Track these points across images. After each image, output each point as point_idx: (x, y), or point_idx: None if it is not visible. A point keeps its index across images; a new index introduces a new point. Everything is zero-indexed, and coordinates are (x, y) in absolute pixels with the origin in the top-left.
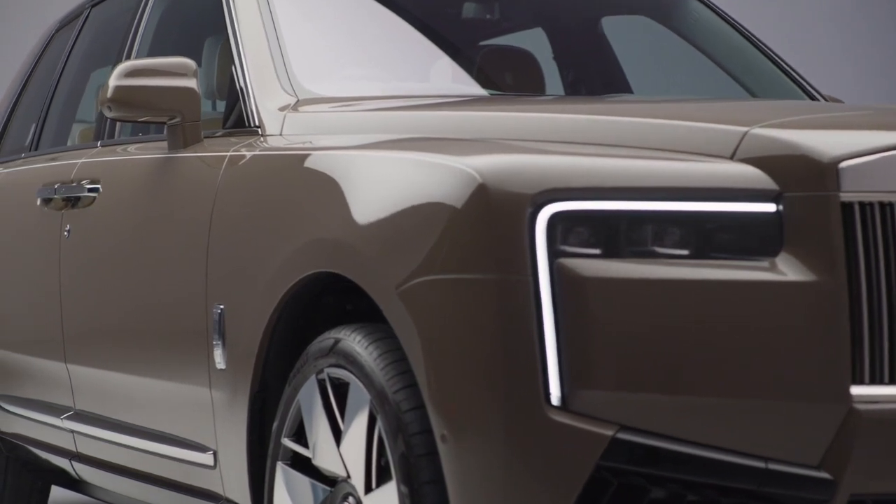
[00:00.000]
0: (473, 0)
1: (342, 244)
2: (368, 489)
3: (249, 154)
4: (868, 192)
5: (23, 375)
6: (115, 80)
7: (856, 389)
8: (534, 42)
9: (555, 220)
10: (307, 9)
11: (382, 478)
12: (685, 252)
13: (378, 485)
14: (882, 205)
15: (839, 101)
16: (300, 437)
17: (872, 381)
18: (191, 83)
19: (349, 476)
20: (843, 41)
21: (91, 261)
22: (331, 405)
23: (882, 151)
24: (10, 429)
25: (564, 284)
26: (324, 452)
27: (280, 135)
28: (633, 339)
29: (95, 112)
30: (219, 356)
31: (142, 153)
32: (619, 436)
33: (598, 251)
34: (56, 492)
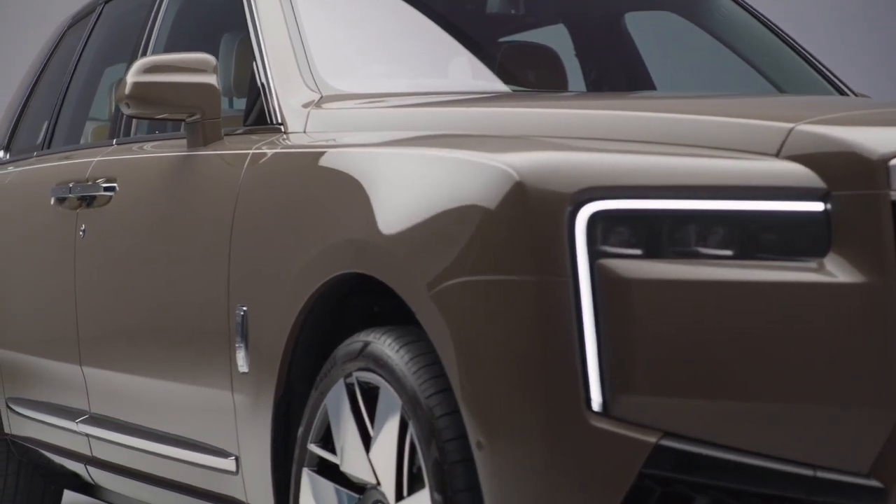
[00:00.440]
0: None
1: (372, 245)
2: (399, 497)
3: (273, 152)
4: None
5: (35, 378)
6: (134, 77)
7: None
8: (555, 38)
9: (595, 220)
10: (328, 4)
11: (414, 485)
12: (729, 252)
13: (410, 492)
14: None
15: (867, 98)
16: (327, 443)
17: None
18: (210, 79)
19: (379, 483)
20: (844, 37)
21: (107, 261)
22: (359, 410)
23: None
24: (22, 432)
25: (605, 286)
26: (352, 459)
27: (304, 132)
28: (677, 343)
29: (108, 110)
30: (241, 359)
31: (159, 151)
32: (663, 442)
33: (640, 251)
34: (68, 496)
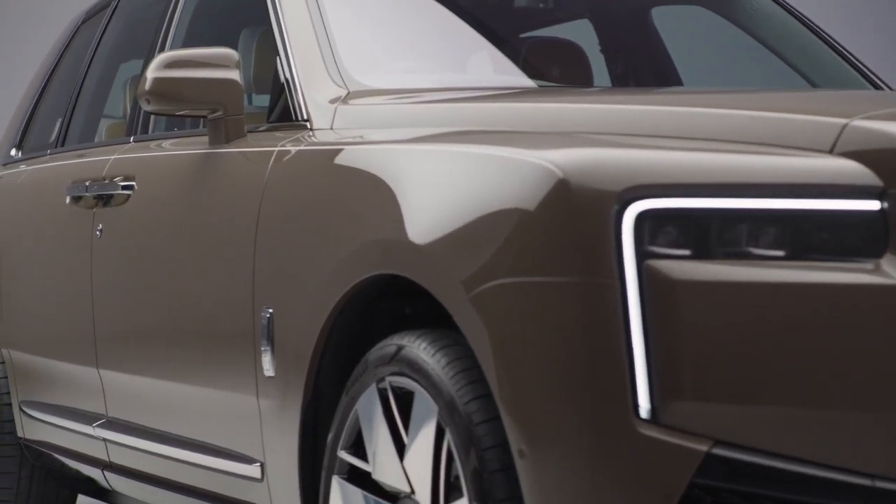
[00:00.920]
0: None
1: (406, 245)
2: None
3: (299, 149)
4: None
5: (49, 381)
6: (154, 72)
7: None
8: (578, 34)
9: (642, 219)
10: None
11: (451, 494)
12: (781, 253)
13: (446, 502)
14: None
15: None
16: (357, 450)
17: None
18: (233, 74)
19: (413, 492)
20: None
21: (125, 261)
22: (393, 416)
23: None
24: (36, 436)
25: (654, 288)
26: (385, 466)
27: (331, 129)
28: (728, 347)
29: (123, 106)
30: (267, 363)
31: (179, 149)
32: (714, 451)
33: (688, 252)
34: (82, 501)
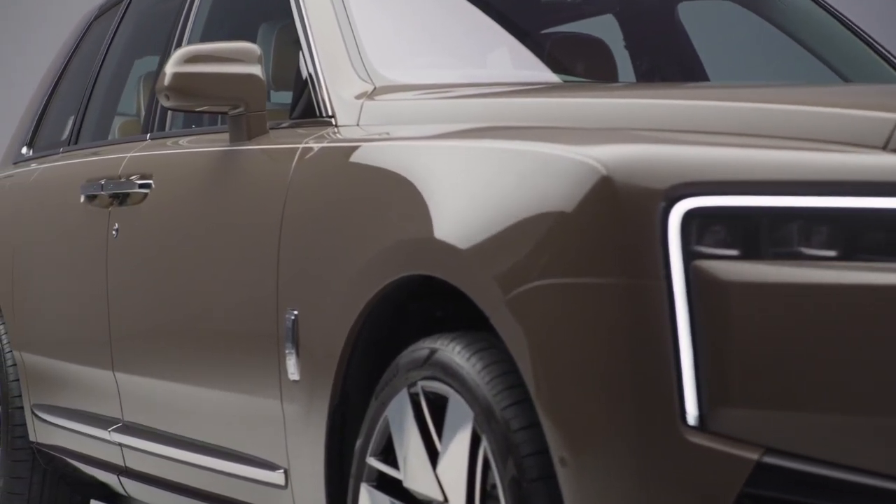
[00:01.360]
0: None
1: (440, 245)
2: None
3: (324, 146)
4: None
5: (63, 384)
6: (174, 67)
7: None
8: (602, 29)
9: (690, 218)
10: None
11: (487, 503)
12: (833, 253)
13: None
14: None
15: None
16: (387, 456)
17: None
18: (255, 70)
19: (447, 500)
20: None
21: (142, 261)
22: (425, 421)
23: None
24: (48, 440)
25: (702, 289)
26: (417, 474)
27: (357, 125)
28: (779, 351)
29: (136, 104)
30: (292, 366)
31: (198, 146)
32: (766, 459)
33: (736, 252)
34: None
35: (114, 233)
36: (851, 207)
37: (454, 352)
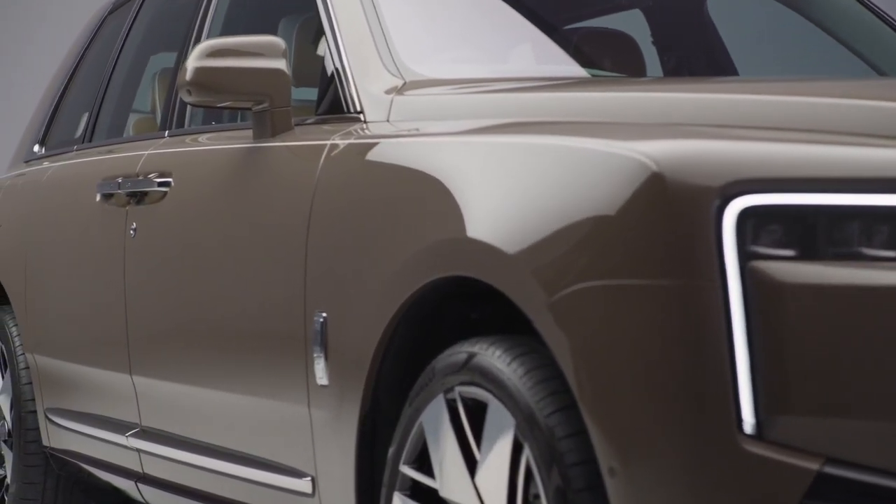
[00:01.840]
0: None
1: (480, 246)
2: None
3: (353, 142)
4: None
5: (77, 387)
6: (196, 61)
7: None
8: (628, 25)
9: (745, 216)
10: None
11: None
12: (895, 254)
13: None
14: None
15: None
16: (422, 465)
17: None
18: (280, 64)
19: None
20: None
21: (161, 261)
22: (463, 428)
23: None
24: (62, 445)
25: (758, 291)
26: (454, 483)
27: (387, 121)
28: (840, 355)
29: (151, 100)
30: (320, 370)
31: (219, 143)
32: (826, 470)
33: (793, 252)
34: None
35: (131, 232)
36: None
37: (494, 356)
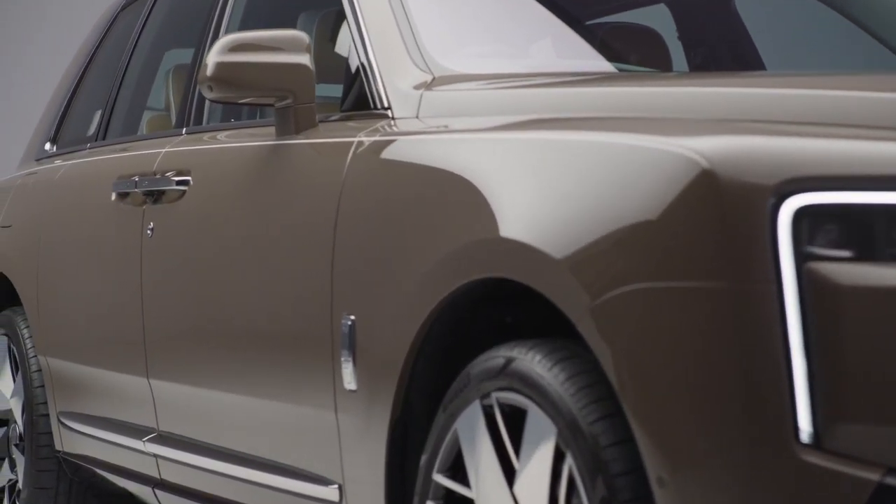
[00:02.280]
0: None
1: (518, 246)
2: None
3: (382, 139)
4: None
5: (92, 391)
6: (218, 56)
7: None
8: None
9: (801, 216)
10: None
11: None
12: None
13: None
14: None
15: None
16: (455, 473)
17: None
18: (304, 59)
19: None
20: None
21: (180, 261)
22: (500, 436)
23: None
24: (75, 449)
25: (815, 293)
26: (491, 492)
27: (416, 117)
28: None
29: (165, 98)
30: (348, 375)
31: (239, 140)
32: (887, 480)
33: (852, 253)
34: None
35: (148, 232)
36: None
37: (534, 361)
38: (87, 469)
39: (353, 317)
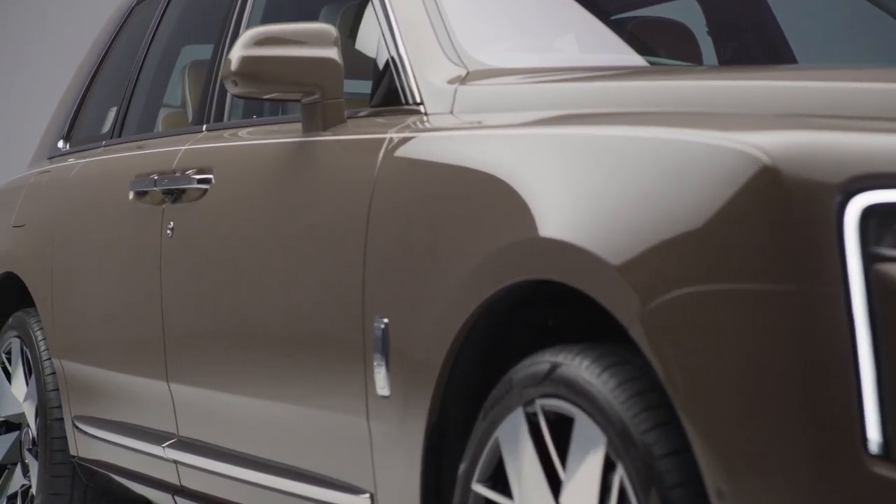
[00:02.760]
0: None
1: (565, 247)
2: None
3: (416, 136)
4: None
5: (108, 395)
6: (243, 50)
7: None
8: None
9: (869, 214)
10: None
11: None
12: None
13: None
14: None
15: None
16: (496, 483)
17: None
18: (332, 53)
19: None
20: None
21: (201, 262)
22: (545, 444)
23: None
24: (91, 454)
25: (885, 296)
26: (535, 503)
27: (450, 113)
28: None
29: (181, 94)
30: (381, 380)
31: (265, 137)
32: None
33: None
34: None
35: (168, 232)
36: None
37: (581, 367)
38: (103, 475)
39: (387, 320)
